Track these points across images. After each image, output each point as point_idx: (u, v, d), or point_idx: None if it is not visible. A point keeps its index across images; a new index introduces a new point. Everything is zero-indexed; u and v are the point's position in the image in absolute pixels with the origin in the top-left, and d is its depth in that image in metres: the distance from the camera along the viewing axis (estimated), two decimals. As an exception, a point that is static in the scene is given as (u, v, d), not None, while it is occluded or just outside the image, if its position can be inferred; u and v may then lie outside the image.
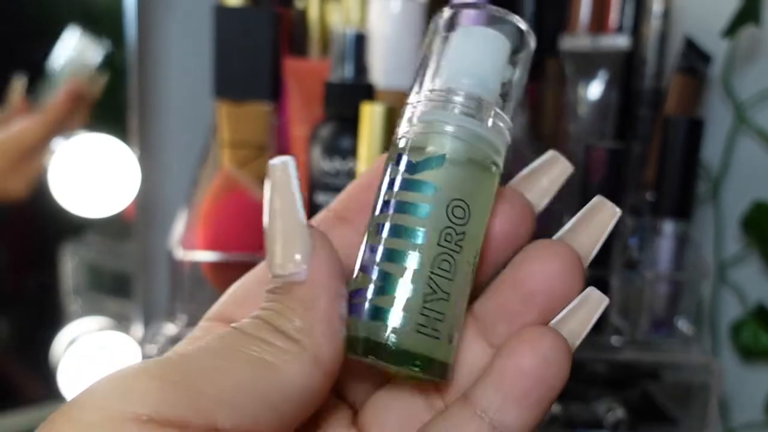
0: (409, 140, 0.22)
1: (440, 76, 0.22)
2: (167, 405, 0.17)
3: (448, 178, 0.21)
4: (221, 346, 0.19)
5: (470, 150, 0.21)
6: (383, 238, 0.21)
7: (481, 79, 0.22)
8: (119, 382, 0.18)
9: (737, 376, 0.75)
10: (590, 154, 0.58)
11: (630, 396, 0.62)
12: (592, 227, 0.22)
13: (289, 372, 0.19)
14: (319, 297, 0.20)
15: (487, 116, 0.22)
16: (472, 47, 0.22)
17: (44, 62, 0.70)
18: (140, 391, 0.17)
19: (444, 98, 0.22)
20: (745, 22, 0.64)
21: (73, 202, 0.68)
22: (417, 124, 0.22)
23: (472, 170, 0.21)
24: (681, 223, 0.59)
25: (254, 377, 0.18)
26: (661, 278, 0.60)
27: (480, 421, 0.20)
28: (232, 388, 0.18)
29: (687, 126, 0.58)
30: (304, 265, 0.20)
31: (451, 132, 0.21)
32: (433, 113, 0.22)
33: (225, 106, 0.64)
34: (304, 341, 0.19)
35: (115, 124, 0.71)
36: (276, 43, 0.65)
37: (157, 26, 0.74)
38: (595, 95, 0.65)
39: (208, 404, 0.18)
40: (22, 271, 0.73)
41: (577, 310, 0.21)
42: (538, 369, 0.19)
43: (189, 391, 0.18)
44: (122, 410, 0.17)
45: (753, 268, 0.74)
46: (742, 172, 0.72)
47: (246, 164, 0.64)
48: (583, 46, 0.65)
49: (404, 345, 0.20)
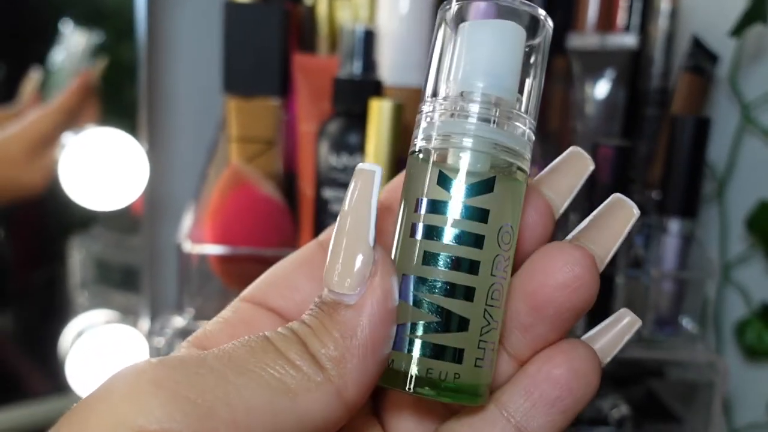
0: (435, 154, 0.20)
1: (453, 78, 0.20)
2: (176, 422, 0.17)
3: (497, 202, 0.20)
4: (243, 359, 0.18)
5: (497, 162, 0.20)
6: (441, 270, 0.19)
7: (498, 78, 0.20)
8: (129, 390, 0.17)
9: (741, 376, 0.76)
10: (597, 152, 0.58)
11: (634, 393, 0.62)
12: (610, 227, 0.21)
13: (308, 402, 0.18)
14: (364, 328, 0.18)
15: (508, 119, 0.20)
16: (484, 43, 0.20)
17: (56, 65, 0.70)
18: (149, 404, 0.17)
19: (460, 106, 0.20)
20: (753, 21, 0.64)
21: (82, 195, 0.69)
22: (436, 138, 0.20)
23: (507, 185, 0.20)
24: (687, 222, 0.59)
25: (271, 402, 0.17)
26: (666, 277, 0.60)
27: (506, 422, 0.20)
28: (246, 410, 0.17)
29: (694, 125, 0.58)
30: (358, 287, 0.19)
31: (472, 146, 0.20)
32: (451, 124, 0.20)
33: (234, 102, 0.64)
34: (332, 372, 0.18)
35: (125, 119, 0.71)
36: (285, 40, 0.65)
37: (167, 21, 0.75)
38: (602, 94, 0.65)
39: (218, 425, 0.17)
40: (30, 265, 0.74)
41: (608, 329, 0.21)
42: (568, 379, 0.19)
43: (200, 409, 0.17)
44: (130, 422, 0.16)
45: (758, 268, 0.74)
46: (748, 172, 0.73)
47: (254, 159, 0.64)
48: (591, 44, 0.65)
49: (464, 382, 0.19)
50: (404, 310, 0.19)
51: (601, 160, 0.58)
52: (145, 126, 0.71)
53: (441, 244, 0.19)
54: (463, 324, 0.19)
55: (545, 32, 0.21)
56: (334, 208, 0.58)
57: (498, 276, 0.20)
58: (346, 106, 0.58)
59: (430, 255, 0.19)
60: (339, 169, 0.57)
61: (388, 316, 0.19)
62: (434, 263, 0.19)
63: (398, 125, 0.54)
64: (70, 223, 0.74)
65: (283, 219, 0.62)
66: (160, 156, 0.75)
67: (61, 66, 0.70)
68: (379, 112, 0.53)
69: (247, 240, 0.58)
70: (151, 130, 0.73)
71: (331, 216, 0.58)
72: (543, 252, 0.20)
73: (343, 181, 0.57)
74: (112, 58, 0.71)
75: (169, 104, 0.76)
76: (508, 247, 0.20)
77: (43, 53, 0.70)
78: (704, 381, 0.59)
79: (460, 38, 0.20)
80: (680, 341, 0.60)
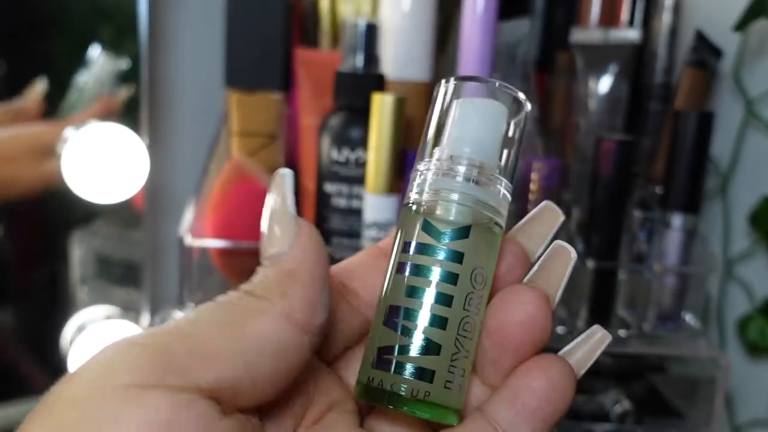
0: (423, 206, 0.24)
1: (446, 144, 0.24)
2: (144, 370, 0.19)
3: (471, 247, 0.23)
4: (195, 314, 0.21)
5: (477, 216, 0.24)
6: (426, 303, 0.23)
7: (482, 146, 0.24)
8: (104, 356, 0.19)
9: (744, 372, 0.75)
10: (600, 147, 0.58)
11: (636, 389, 0.62)
12: (555, 269, 0.24)
13: (257, 326, 0.20)
14: (298, 270, 0.22)
15: (488, 180, 0.24)
16: (473, 116, 0.24)
17: (58, 61, 0.70)
18: (121, 361, 0.19)
19: (449, 167, 0.24)
20: (757, 16, 0.64)
21: (83, 189, 0.68)
22: (427, 192, 0.24)
23: (483, 236, 0.24)
24: (690, 217, 0.59)
25: (221, 335, 0.20)
26: (668, 271, 0.60)
27: (494, 431, 0.22)
28: (200, 345, 0.19)
29: (697, 120, 0.58)
30: (287, 246, 0.22)
31: (457, 200, 0.23)
32: (441, 182, 0.24)
33: (236, 95, 0.64)
34: (274, 299, 0.21)
35: (127, 113, 0.71)
36: (287, 34, 0.65)
37: (169, 15, 0.74)
38: (605, 89, 0.65)
39: (179, 363, 0.19)
40: (31, 260, 0.74)
41: (582, 344, 0.24)
42: (547, 391, 0.22)
43: (162, 354, 0.19)
44: (106, 381, 0.18)
45: (761, 264, 0.74)
46: (752, 167, 0.72)
47: (256, 153, 0.64)
48: (594, 39, 0.65)
49: (433, 400, 0.22)
50: (388, 335, 0.23)
51: (604, 154, 0.58)
52: (146, 120, 0.71)
53: (424, 279, 0.23)
54: (436, 349, 0.22)
55: (524, 111, 0.25)
56: (336, 202, 0.58)
57: (471, 311, 0.23)
58: (348, 100, 0.58)
59: (414, 289, 0.23)
60: (341, 163, 0.57)
61: (320, 254, 0.22)
62: (417, 296, 0.23)
63: (400, 119, 0.54)
64: (71, 218, 0.73)
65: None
66: (161, 150, 0.74)
67: (84, 86, 0.70)
68: (381, 106, 0.53)
69: (248, 234, 0.58)
70: (153, 124, 0.73)
71: (333, 210, 0.58)
72: (503, 293, 0.23)
73: (345, 176, 0.57)
74: (114, 53, 0.71)
75: (171, 98, 0.76)
76: (481, 287, 0.23)
77: (45, 50, 0.70)
78: (706, 376, 0.59)
79: (453, 111, 0.24)
80: (682, 337, 0.60)
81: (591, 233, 0.60)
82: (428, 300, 0.23)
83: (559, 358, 0.23)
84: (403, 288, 0.23)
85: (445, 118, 0.25)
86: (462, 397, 0.23)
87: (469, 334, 0.23)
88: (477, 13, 0.57)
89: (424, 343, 0.22)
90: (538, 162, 0.57)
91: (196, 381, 0.19)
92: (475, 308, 0.23)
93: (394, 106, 0.53)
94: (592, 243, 0.59)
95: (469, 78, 0.25)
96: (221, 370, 0.19)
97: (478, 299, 0.23)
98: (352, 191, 0.57)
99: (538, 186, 0.57)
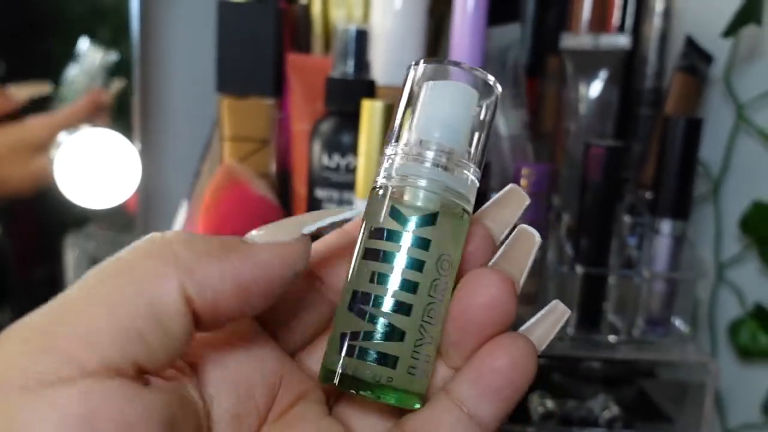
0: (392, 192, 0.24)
1: (414, 128, 0.24)
2: (38, 365, 0.17)
3: (439, 234, 0.23)
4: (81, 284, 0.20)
5: (445, 202, 0.23)
6: (390, 289, 0.23)
7: (452, 131, 0.24)
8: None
9: (735, 377, 0.76)
10: (588, 152, 0.58)
11: (626, 394, 0.62)
12: (520, 253, 0.24)
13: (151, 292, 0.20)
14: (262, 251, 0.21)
15: (457, 166, 0.24)
16: (443, 100, 0.24)
17: (49, 59, 0.70)
18: (8, 360, 0.18)
19: (417, 152, 0.23)
20: (747, 22, 0.64)
21: (76, 193, 0.69)
22: (395, 177, 0.24)
23: (451, 222, 0.23)
24: (678, 223, 0.59)
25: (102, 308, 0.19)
26: (657, 277, 0.60)
27: (459, 411, 0.22)
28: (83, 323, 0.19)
29: (686, 126, 0.58)
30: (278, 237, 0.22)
31: (425, 186, 0.23)
32: (409, 167, 0.23)
33: (227, 101, 0.64)
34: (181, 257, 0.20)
35: (118, 117, 0.71)
36: (279, 39, 0.65)
37: (161, 20, 0.75)
38: (596, 94, 0.65)
39: (67, 349, 0.18)
40: (25, 264, 0.74)
41: (542, 321, 0.24)
42: (509, 370, 0.22)
43: (48, 343, 0.18)
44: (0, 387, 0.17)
45: (752, 269, 0.74)
46: (743, 173, 0.73)
47: (247, 158, 0.64)
48: (584, 44, 0.65)
49: (396, 386, 0.22)
50: (351, 320, 0.23)
51: (593, 160, 0.58)
52: (138, 125, 0.71)
53: (389, 266, 0.23)
54: (400, 335, 0.22)
55: (494, 95, 0.25)
56: (326, 207, 0.58)
57: (436, 298, 0.23)
58: (338, 105, 0.58)
59: (379, 275, 0.23)
60: (331, 169, 0.57)
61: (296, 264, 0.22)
62: (381, 282, 0.23)
63: (391, 125, 0.54)
64: (65, 222, 0.74)
65: (275, 218, 0.62)
66: (153, 155, 0.75)
67: (74, 80, 0.70)
68: (370, 113, 0.53)
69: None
70: (145, 129, 0.73)
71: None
72: (468, 277, 0.23)
73: (336, 181, 0.57)
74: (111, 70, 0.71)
75: (163, 103, 0.76)
76: (446, 273, 0.23)
77: (42, 50, 0.70)
78: (696, 382, 0.59)
79: (423, 94, 0.24)
80: (672, 342, 0.60)
81: (580, 238, 0.60)
82: (393, 286, 0.23)
83: (521, 336, 0.23)
84: (368, 273, 0.23)
85: (414, 101, 0.24)
86: (426, 383, 0.23)
87: (434, 320, 0.23)
88: (467, 17, 0.57)
89: (387, 329, 0.22)
90: (527, 168, 0.57)
91: (85, 364, 0.18)
92: (441, 295, 0.23)
93: (384, 113, 0.53)
94: (582, 248, 0.59)
95: (439, 60, 0.24)
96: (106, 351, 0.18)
97: (444, 285, 0.23)
98: (343, 197, 0.58)
99: (527, 191, 0.57)
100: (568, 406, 0.60)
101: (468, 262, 0.24)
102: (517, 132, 0.65)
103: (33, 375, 0.17)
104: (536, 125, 0.69)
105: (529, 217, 0.58)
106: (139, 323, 0.19)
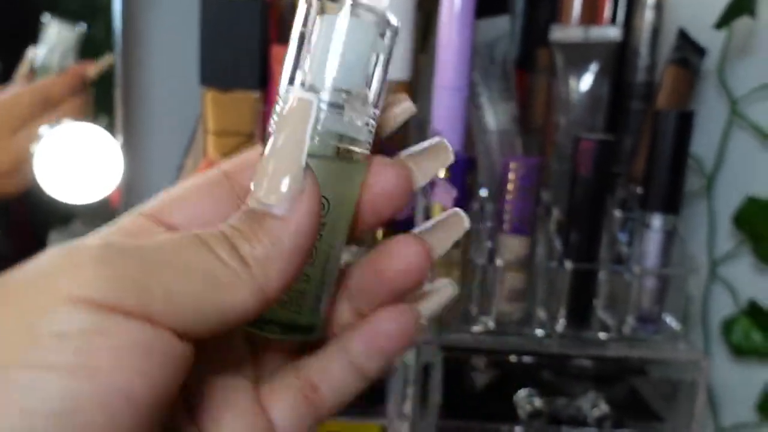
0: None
1: (308, 69, 0.22)
2: (112, 292, 0.18)
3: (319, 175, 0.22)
4: (181, 247, 0.20)
5: (326, 146, 0.22)
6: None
7: (347, 70, 0.22)
8: (69, 264, 0.18)
9: (728, 374, 0.75)
10: (578, 146, 0.57)
11: (616, 392, 0.61)
12: (446, 233, 0.26)
13: (234, 295, 0.20)
14: (291, 236, 0.21)
15: (350, 108, 0.23)
16: (337, 37, 0.22)
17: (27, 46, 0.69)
18: (87, 276, 0.18)
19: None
20: (739, 14, 0.63)
21: (57, 189, 0.67)
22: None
23: (332, 165, 0.23)
24: (669, 218, 0.58)
25: (203, 290, 0.19)
26: (648, 273, 0.59)
27: (347, 362, 0.25)
28: (180, 293, 0.19)
29: (677, 119, 0.57)
30: (286, 203, 0.21)
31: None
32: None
33: (211, 94, 0.63)
34: (257, 271, 0.20)
35: (101, 111, 0.70)
36: (264, 32, 0.64)
37: (144, 13, 0.74)
38: (586, 87, 0.64)
39: (151, 300, 0.18)
40: (8, 261, 0.73)
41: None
42: (396, 334, 0.25)
43: (137, 286, 0.18)
44: (67, 291, 0.18)
45: (746, 265, 0.73)
46: (736, 167, 0.72)
47: (232, 152, 0.63)
48: (575, 36, 0.64)
49: (270, 317, 0.23)
50: None
51: (583, 153, 0.57)
52: (121, 119, 0.70)
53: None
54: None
55: (392, 30, 0.23)
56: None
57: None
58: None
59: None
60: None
61: (313, 229, 0.21)
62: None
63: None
64: (48, 219, 0.73)
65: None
66: (136, 149, 0.73)
67: (44, 62, 0.69)
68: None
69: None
70: (127, 123, 0.72)
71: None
72: (394, 240, 0.25)
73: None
74: (88, 51, 0.70)
75: (146, 97, 0.75)
76: (326, 213, 0.23)
77: (16, 42, 0.69)
78: (687, 379, 0.58)
79: (316, 31, 0.22)
80: (663, 339, 0.59)
81: (570, 233, 0.59)
82: None
83: (407, 309, 0.25)
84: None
85: (306, 39, 0.23)
86: (312, 316, 0.24)
87: (309, 259, 0.22)
88: (454, 10, 0.56)
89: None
90: (515, 161, 0.56)
91: (151, 315, 0.18)
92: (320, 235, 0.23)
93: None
94: (571, 243, 0.58)
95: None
96: (181, 321, 0.19)
97: (320, 227, 0.22)
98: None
99: (515, 185, 0.56)
100: (556, 405, 0.59)
101: (387, 199, 0.24)
102: (507, 126, 0.64)
103: (99, 297, 0.18)
104: (526, 119, 0.68)
105: (517, 212, 0.57)
106: (214, 313, 0.20)
